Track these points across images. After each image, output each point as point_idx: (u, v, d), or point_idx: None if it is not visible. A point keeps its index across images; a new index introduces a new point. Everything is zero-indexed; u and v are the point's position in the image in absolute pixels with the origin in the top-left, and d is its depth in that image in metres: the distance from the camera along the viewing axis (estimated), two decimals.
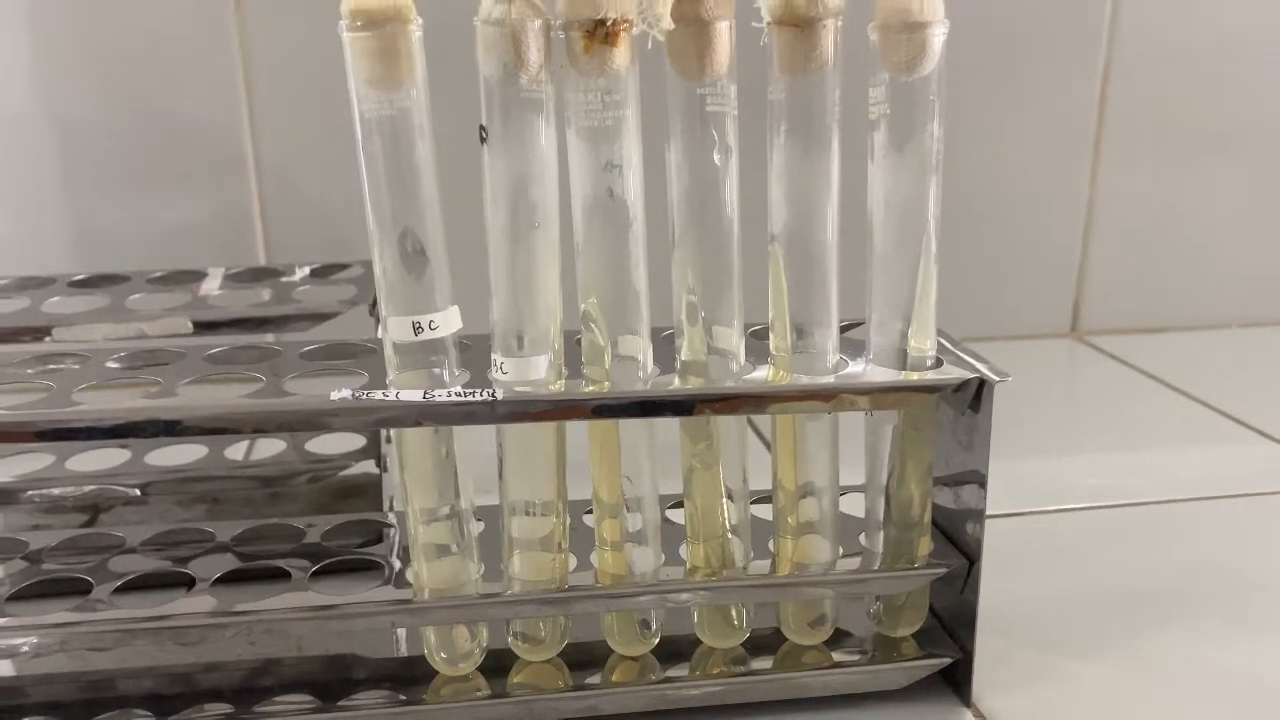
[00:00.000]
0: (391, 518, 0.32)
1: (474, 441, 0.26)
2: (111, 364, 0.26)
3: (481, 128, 0.23)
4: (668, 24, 0.21)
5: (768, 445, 0.28)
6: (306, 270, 0.35)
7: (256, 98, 0.48)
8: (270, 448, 0.36)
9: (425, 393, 0.24)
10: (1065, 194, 0.57)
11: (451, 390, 0.24)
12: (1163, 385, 0.51)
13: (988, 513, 0.27)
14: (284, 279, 0.34)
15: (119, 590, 0.27)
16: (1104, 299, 0.59)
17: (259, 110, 0.48)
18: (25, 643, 0.25)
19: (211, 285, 0.33)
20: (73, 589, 0.27)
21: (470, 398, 0.24)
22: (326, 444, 0.36)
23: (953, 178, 0.55)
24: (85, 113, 0.47)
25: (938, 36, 0.24)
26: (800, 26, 0.23)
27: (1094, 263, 0.59)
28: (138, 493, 0.34)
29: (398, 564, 0.28)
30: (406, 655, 0.28)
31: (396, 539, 0.30)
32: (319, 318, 0.32)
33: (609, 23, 0.22)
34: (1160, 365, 0.54)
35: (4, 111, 0.46)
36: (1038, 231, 0.57)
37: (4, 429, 0.22)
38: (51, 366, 0.26)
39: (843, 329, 0.27)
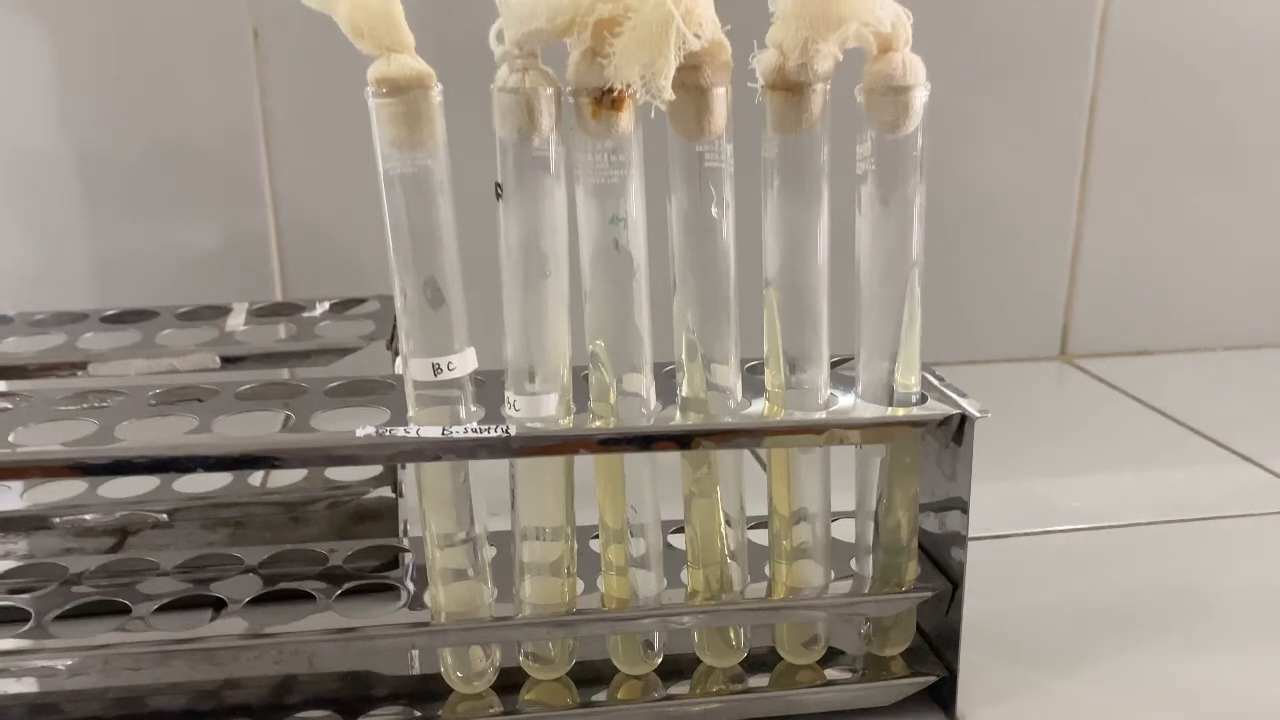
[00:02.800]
0: (406, 542, 0.34)
1: (486, 465, 0.28)
2: (148, 401, 0.28)
3: (497, 184, 0.25)
4: (669, 95, 0.23)
5: (764, 465, 0.29)
6: (326, 305, 0.37)
7: (274, 133, 0.50)
8: (291, 474, 0.38)
9: (444, 429, 0.26)
10: (1054, 220, 0.59)
11: (468, 426, 0.26)
12: (1148, 408, 0.53)
13: (974, 535, 0.29)
14: (305, 314, 0.36)
15: (154, 612, 0.29)
16: (1092, 323, 0.61)
17: (276, 145, 0.50)
18: (69, 662, 0.26)
19: (237, 321, 0.35)
20: (109, 610, 0.29)
21: (486, 434, 0.26)
22: (345, 470, 0.38)
23: (943, 203, 0.57)
24: (107, 148, 0.49)
25: (920, 98, 0.25)
26: (792, 91, 0.25)
27: (1082, 287, 0.60)
28: (165, 517, 0.36)
29: (412, 587, 0.30)
30: (423, 673, 0.30)
31: (411, 563, 0.32)
32: (340, 352, 0.34)
33: (615, 91, 0.23)
34: (1146, 388, 0.55)
35: (29, 148, 0.48)
36: (1027, 257, 0.59)
37: (57, 464, 0.24)
38: (92, 404, 0.28)
39: (834, 364, 0.29)
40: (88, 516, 0.35)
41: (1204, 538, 0.40)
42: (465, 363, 0.26)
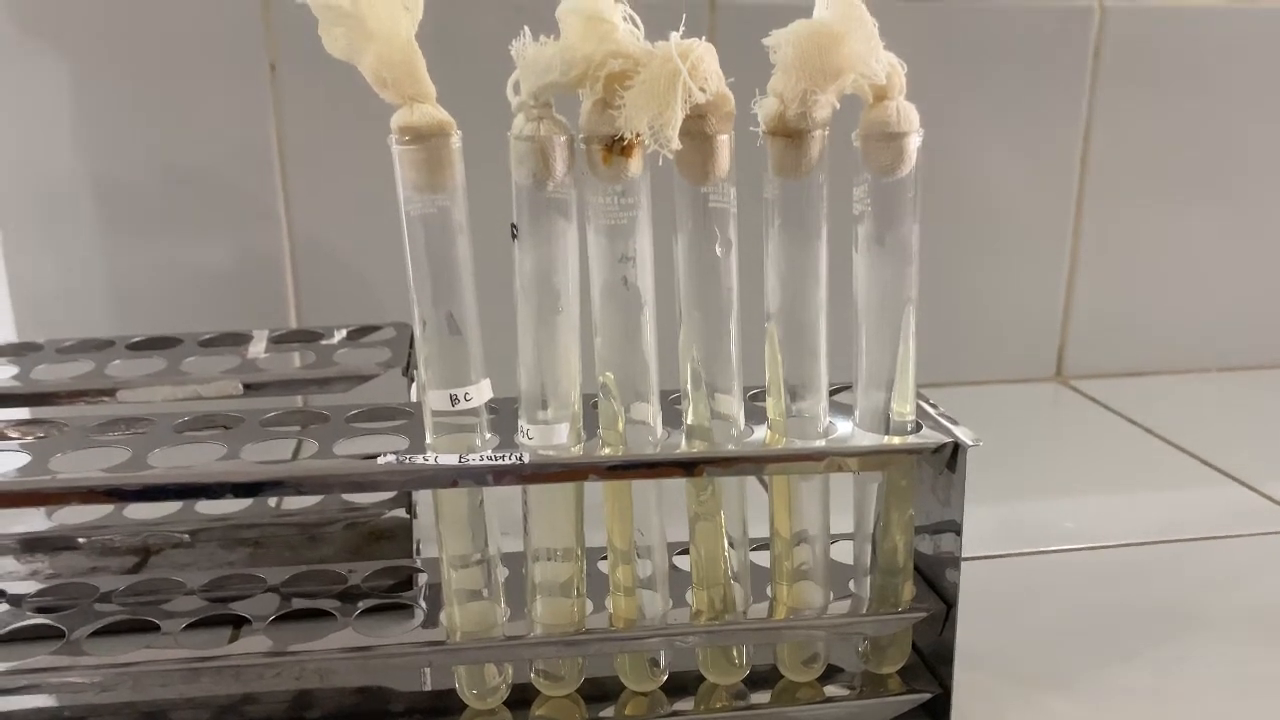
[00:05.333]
0: (419, 563, 0.35)
1: (498, 488, 0.29)
2: (177, 428, 0.29)
3: (513, 225, 0.26)
4: (676, 145, 0.24)
5: (766, 488, 0.31)
6: (343, 333, 0.38)
7: (289, 162, 0.51)
8: (309, 496, 0.39)
9: (461, 457, 0.27)
10: (1049, 243, 0.60)
11: (484, 454, 0.27)
12: (1141, 429, 0.54)
13: (969, 555, 0.30)
14: (323, 341, 0.38)
15: (181, 630, 0.30)
16: (1087, 344, 0.62)
17: (291, 173, 0.51)
18: (101, 678, 0.27)
19: (258, 348, 0.36)
20: (138, 628, 0.30)
21: (500, 461, 0.27)
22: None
23: (940, 226, 0.59)
24: (126, 176, 0.50)
25: (913, 144, 0.27)
26: (792, 137, 0.26)
27: (1078, 309, 0.62)
28: (187, 538, 0.37)
29: (425, 606, 0.31)
30: (438, 689, 0.31)
31: (425, 582, 0.33)
32: (358, 379, 0.35)
33: (625, 139, 0.25)
34: (1140, 409, 0.57)
35: (52, 175, 0.50)
36: (1023, 280, 0.61)
37: (98, 489, 0.25)
38: (124, 432, 0.29)
39: (832, 392, 0.30)
40: (117, 539, 0.36)
41: (1195, 558, 0.41)
42: (481, 393, 0.27)
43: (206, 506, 0.38)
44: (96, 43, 0.49)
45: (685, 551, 0.31)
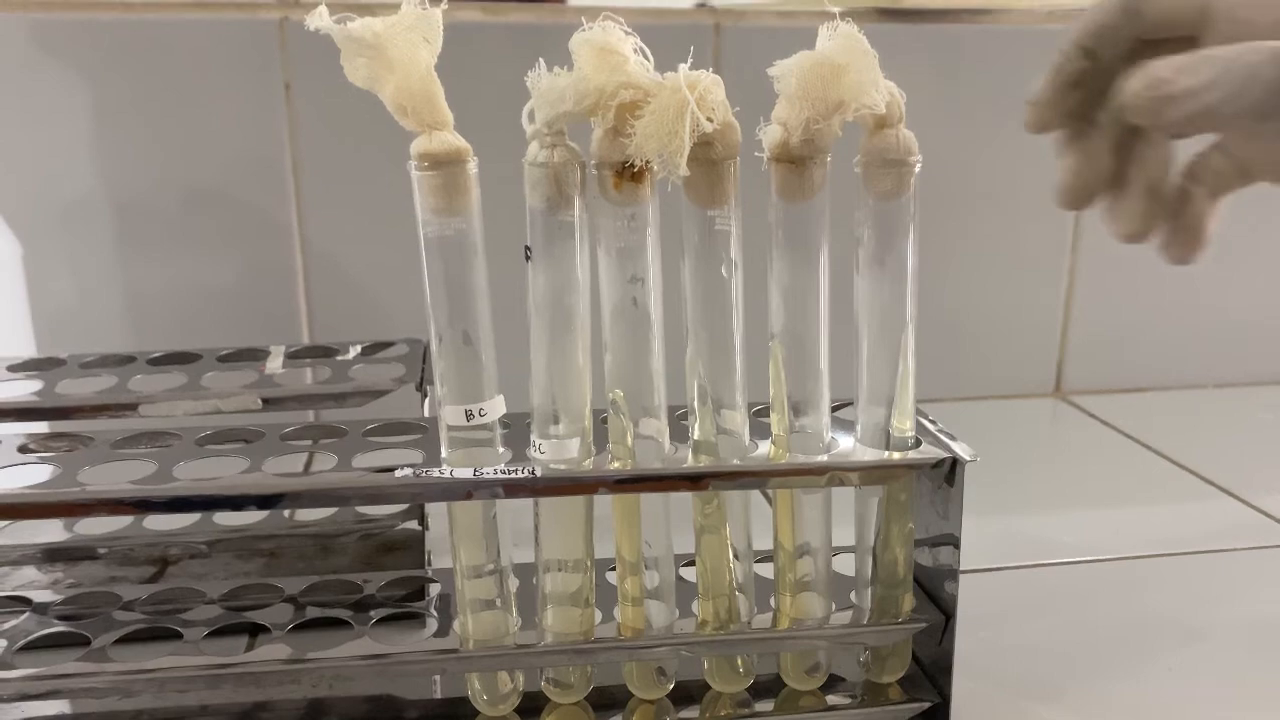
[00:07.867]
0: (431, 573, 0.36)
1: (510, 500, 0.29)
2: (200, 442, 0.30)
3: (526, 248, 0.27)
4: (684, 171, 0.25)
5: (770, 501, 0.31)
6: (358, 349, 0.39)
7: (303, 181, 0.52)
8: (324, 508, 0.40)
9: (475, 470, 0.28)
10: (1048, 259, 0.61)
11: (498, 468, 0.28)
12: (1138, 444, 0.55)
13: (969, 568, 0.31)
14: (339, 357, 0.38)
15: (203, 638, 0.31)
16: (1086, 360, 0.63)
17: (305, 192, 0.52)
18: (127, 684, 0.28)
19: (275, 364, 0.37)
20: (159, 636, 0.31)
21: (514, 475, 0.28)
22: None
23: (941, 244, 0.59)
24: (143, 195, 0.51)
25: (913, 170, 0.28)
26: (795, 163, 0.27)
27: (1076, 325, 0.62)
28: (205, 548, 0.38)
29: (436, 615, 0.32)
30: (449, 696, 0.32)
31: (436, 593, 0.34)
32: (373, 394, 0.36)
33: (635, 165, 0.26)
34: (1137, 425, 0.57)
35: (71, 194, 0.51)
36: (1022, 296, 0.61)
37: (127, 501, 0.26)
38: (149, 446, 0.30)
39: (834, 408, 0.31)
40: (133, 548, 0.37)
41: (1191, 572, 0.42)
42: (495, 408, 0.28)
43: (223, 518, 0.39)
44: (115, 63, 0.50)
45: (691, 563, 0.32)
